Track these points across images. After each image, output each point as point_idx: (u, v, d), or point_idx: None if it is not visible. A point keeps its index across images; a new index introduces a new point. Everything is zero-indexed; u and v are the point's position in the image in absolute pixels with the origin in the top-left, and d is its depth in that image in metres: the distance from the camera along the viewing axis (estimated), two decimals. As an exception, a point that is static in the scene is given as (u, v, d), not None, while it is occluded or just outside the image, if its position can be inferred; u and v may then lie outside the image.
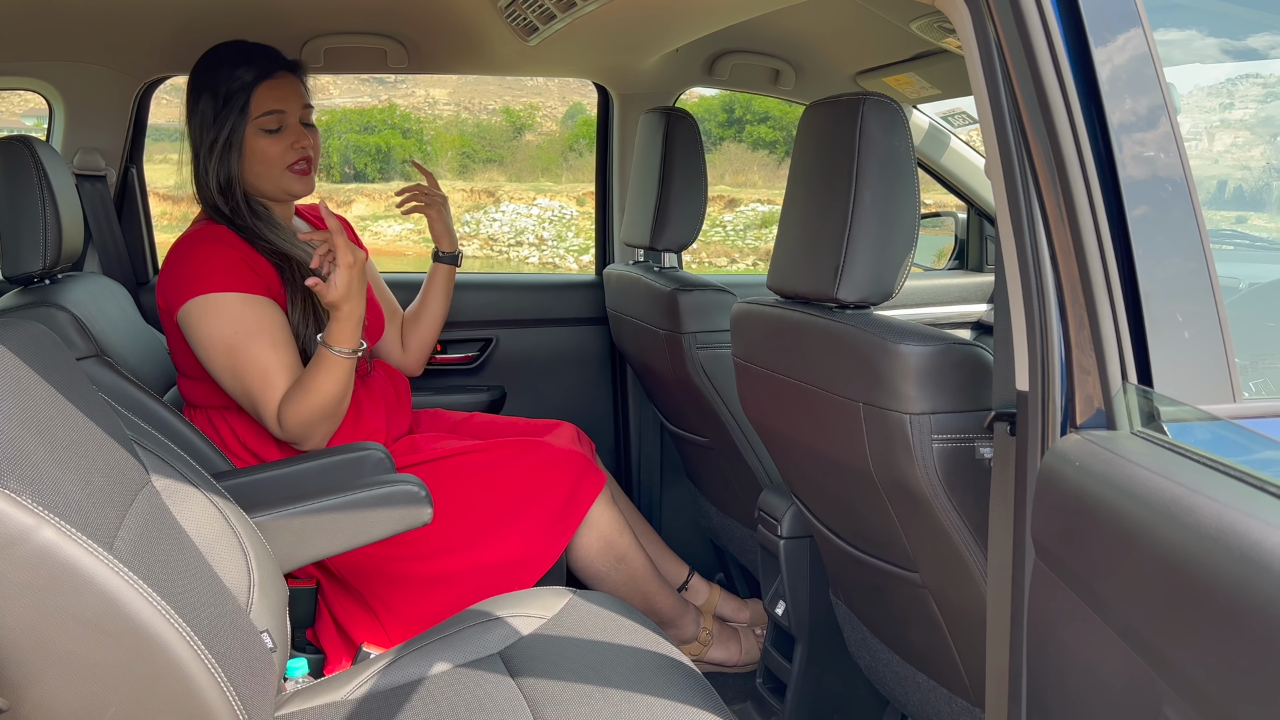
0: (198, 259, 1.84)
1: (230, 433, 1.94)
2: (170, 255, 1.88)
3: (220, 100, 1.90)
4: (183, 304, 1.82)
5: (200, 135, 1.92)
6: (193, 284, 1.81)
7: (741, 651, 2.25)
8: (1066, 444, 0.96)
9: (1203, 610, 0.70)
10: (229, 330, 1.79)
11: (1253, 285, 1.98)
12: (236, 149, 1.91)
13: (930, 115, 2.84)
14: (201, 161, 1.92)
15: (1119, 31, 1.05)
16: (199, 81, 1.93)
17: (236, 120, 1.90)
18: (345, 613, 1.93)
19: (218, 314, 1.80)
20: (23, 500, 0.94)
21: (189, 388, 1.96)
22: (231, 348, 1.80)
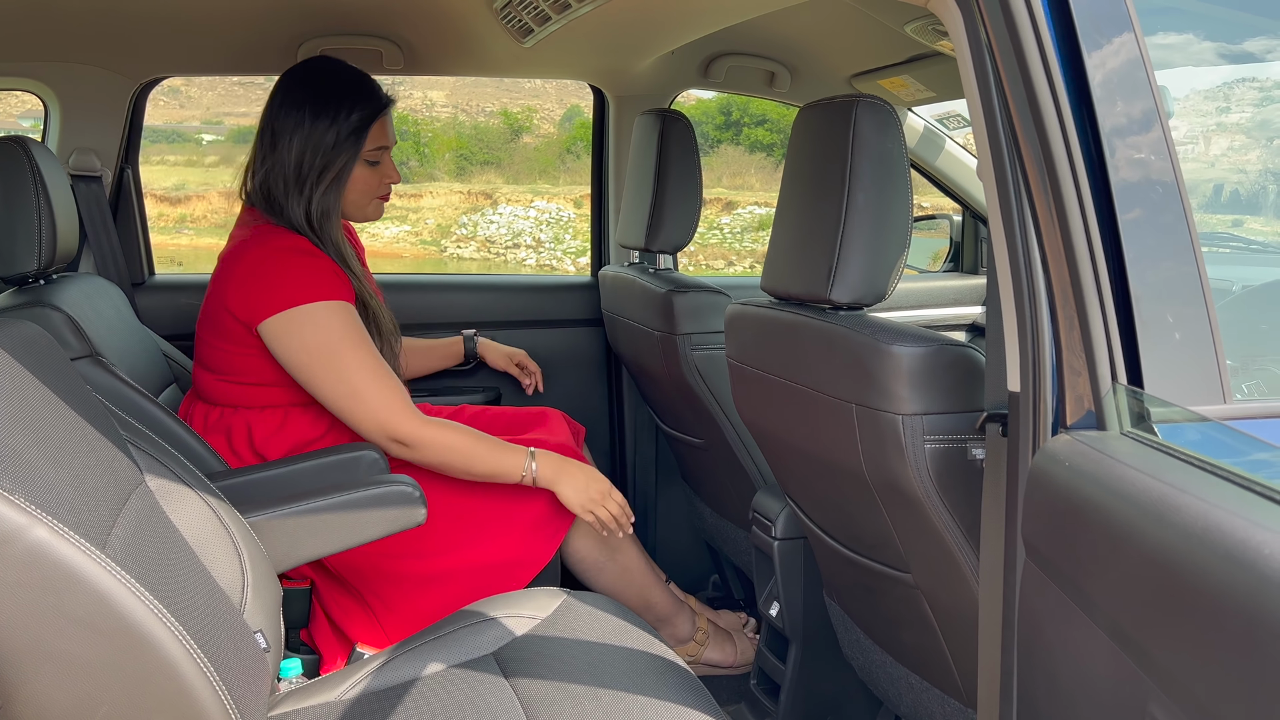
0: (296, 268, 1.84)
1: (245, 433, 1.94)
2: (253, 265, 1.86)
3: (340, 131, 1.92)
4: (277, 313, 1.81)
5: (307, 159, 1.92)
6: (297, 291, 1.81)
7: (737, 653, 2.25)
8: (1057, 444, 0.97)
9: (1188, 609, 0.70)
10: (336, 335, 1.81)
11: (1246, 287, 1.99)
12: (345, 179, 1.95)
13: (925, 118, 2.85)
14: (306, 184, 1.92)
15: (1110, 35, 1.05)
16: (317, 105, 1.92)
17: (351, 153, 1.94)
18: (341, 612, 1.93)
19: (323, 321, 1.81)
20: (15, 499, 0.94)
21: (218, 387, 1.95)
22: (336, 352, 1.81)
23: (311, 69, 1.99)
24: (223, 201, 21.19)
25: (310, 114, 1.92)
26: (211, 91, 24.80)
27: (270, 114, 1.95)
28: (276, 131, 1.93)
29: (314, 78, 1.96)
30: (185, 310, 2.52)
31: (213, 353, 1.93)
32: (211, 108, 25.72)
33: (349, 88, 1.95)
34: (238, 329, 1.88)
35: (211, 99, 25.51)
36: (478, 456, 1.85)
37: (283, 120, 1.93)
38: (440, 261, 18.66)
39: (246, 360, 1.90)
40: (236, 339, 1.89)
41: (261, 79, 3.18)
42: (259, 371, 1.91)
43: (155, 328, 2.37)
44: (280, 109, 1.94)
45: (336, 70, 1.99)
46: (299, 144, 1.91)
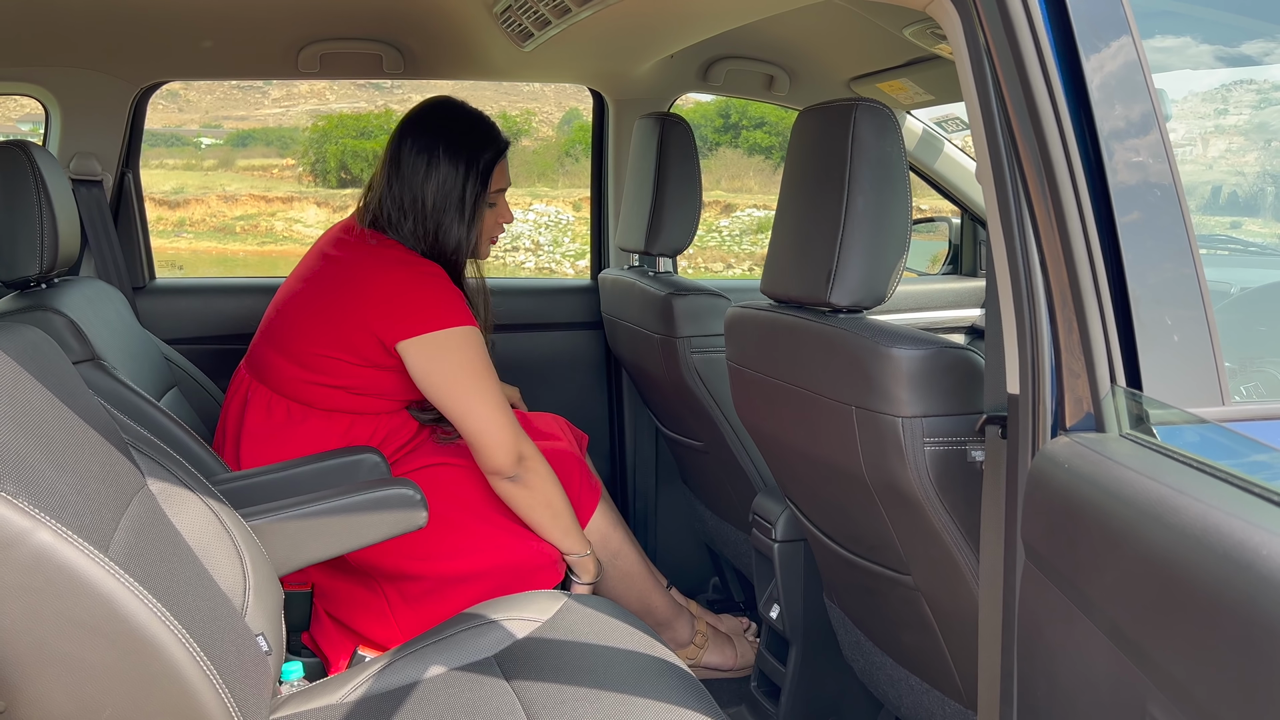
0: (442, 292, 1.93)
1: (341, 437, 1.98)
2: (398, 286, 1.91)
3: (477, 171, 2.01)
4: (424, 333, 1.89)
5: (444, 195, 1.99)
6: (445, 315, 1.90)
7: (736, 656, 2.25)
8: (1056, 446, 0.97)
9: (1186, 609, 0.71)
10: (479, 360, 1.91)
11: (1244, 289, 2.00)
12: (477, 220, 2.03)
13: (924, 121, 2.85)
14: (447, 220, 2.00)
15: (1108, 38, 1.06)
16: (451, 142, 2.00)
17: (481, 193, 2.02)
18: (352, 612, 1.93)
19: (468, 345, 1.91)
20: (19, 503, 0.94)
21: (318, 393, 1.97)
22: (479, 375, 1.91)
23: (435, 111, 2.05)
24: (221, 205, 21.20)
25: (443, 150, 1.99)
26: (210, 95, 24.82)
27: (399, 155, 2.01)
28: (408, 173, 1.99)
29: (440, 119, 2.03)
30: (188, 315, 2.53)
31: (319, 356, 1.95)
32: (210, 111, 25.74)
33: (476, 128, 2.03)
34: (373, 345, 1.91)
35: (210, 103, 25.54)
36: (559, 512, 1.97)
37: (415, 162, 1.99)
38: (439, 265, 18.61)
39: (364, 373, 1.94)
40: (365, 354, 1.92)
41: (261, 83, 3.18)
42: (372, 385, 1.95)
43: (156, 331, 2.38)
44: (411, 151, 2.00)
45: (461, 112, 2.06)
46: (436, 183, 1.99)
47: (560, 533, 1.98)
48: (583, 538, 2.02)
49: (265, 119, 26.13)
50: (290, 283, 2.07)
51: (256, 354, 2.05)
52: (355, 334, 1.91)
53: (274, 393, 1.99)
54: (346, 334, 1.92)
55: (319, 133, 23.25)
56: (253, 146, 24.50)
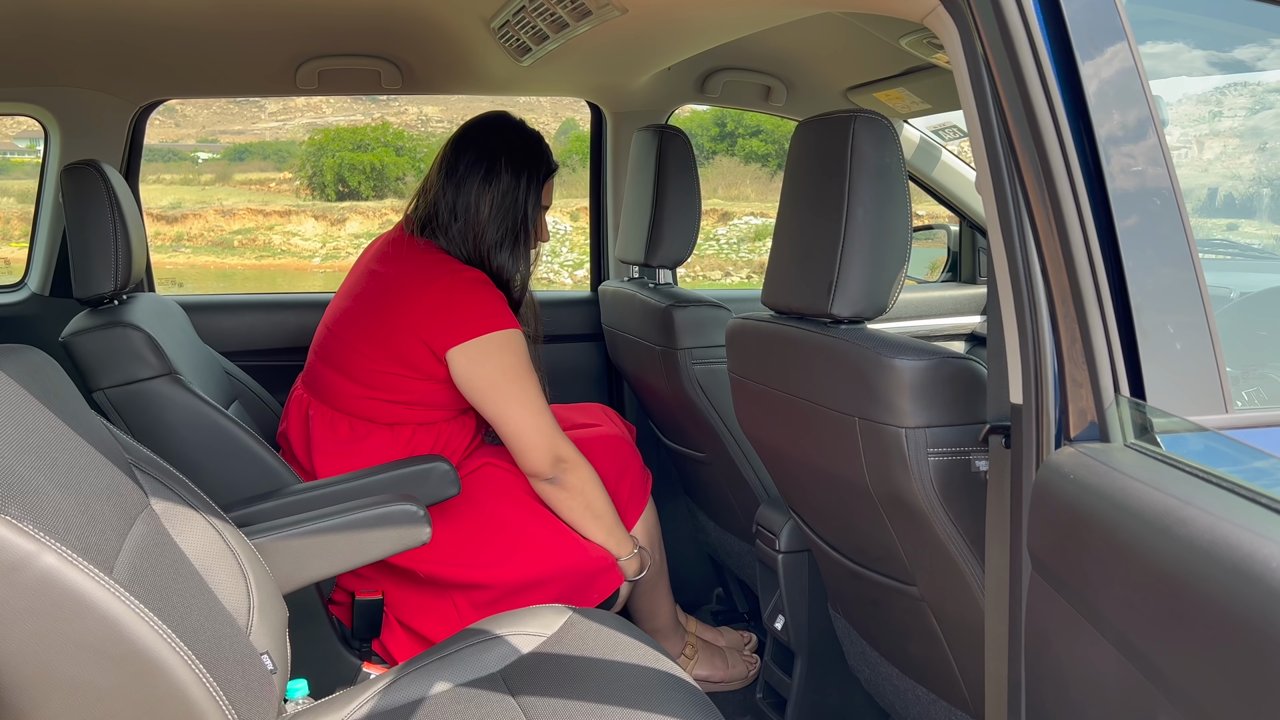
0: (486, 296, 1.96)
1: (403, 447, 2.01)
2: (444, 293, 1.94)
3: (535, 186, 2.06)
4: (472, 338, 1.91)
5: (500, 205, 2.02)
6: (486, 321, 1.93)
7: (727, 668, 2.25)
8: (1060, 457, 0.97)
9: (1196, 622, 0.70)
10: (522, 363, 1.95)
11: (1244, 294, 2.00)
12: (529, 234, 2.08)
13: (921, 129, 2.86)
14: (497, 230, 2.03)
15: (1105, 46, 1.06)
16: (512, 156, 2.03)
17: (534, 210, 2.07)
18: (423, 622, 1.94)
19: (512, 348, 1.94)
20: (24, 526, 0.94)
21: (375, 406, 2.00)
22: (521, 377, 1.94)
23: (496, 124, 2.09)
24: (219, 219, 21.21)
25: (504, 168, 2.02)
26: (207, 110, 24.85)
27: (455, 163, 2.04)
28: (463, 181, 2.02)
29: (501, 134, 2.07)
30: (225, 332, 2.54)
31: (373, 370, 1.97)
32: (207, 126, 25.78)
33: (533, 147, 2.07)
34: (423, 354, 1.93)
35: (206, 117, 25.57)
36: (605, 498, 2.02)
37: (471, 171, 2.02)
38: (438, 276, 18.62)
39: (418, 384, 1.96)
40: (416, 364, 1.94)
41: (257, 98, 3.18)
42: (427, 395, 1.97)
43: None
44: (468, 160, 2.03)
45: (521, 129, 2.10)
46: (490, 196, 2.02)
47: (603, 534, 2.01)
48: (627, 538, 2.05)
49: (262, 133, 26.18)
50: (339, 301, 2.10)
51: (314, 373, 2.07)
52: (407, 347, 1.94)
53: (335, 410, 2.01)
54: (399, 348, 1.95)
55: (316, 146, 23.29)
56: (250, 160, 24.54)
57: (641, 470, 2.22)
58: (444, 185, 2.04)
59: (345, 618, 1.93)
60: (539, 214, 2.10)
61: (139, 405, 1.86)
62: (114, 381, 1.85)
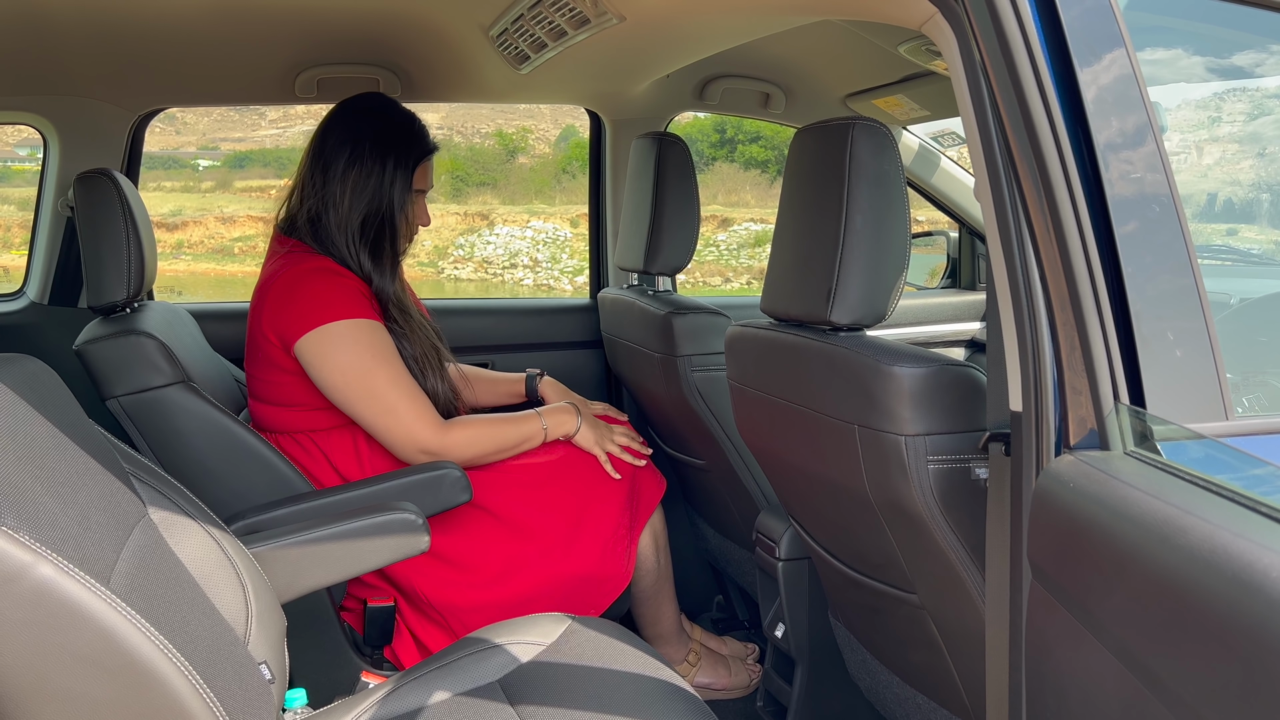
0: (324, 289, 1.87)
1: (322, 456, 1.97)
2: (286, 287, 1.89)
3: (394, 173, 1.96)
4: (310, 330, 1.84)
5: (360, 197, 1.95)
6: (323, 311, 1.85)
7: (730, 676, 2.25)
8: (1060, 465, 0.97)
9: (1196, 631, 0.70)
10: (367, 354, 1.86)
11: (1244, 300, 1.99)
12: (398, 219, 1.99)
13: (920, 136, 2.86)
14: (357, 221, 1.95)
15: (1103, 52, 1.06)
16: (373, 144, 1.96)
17: (403, 194, 1.98)
18: (429, 631, 1.94)
19: (355, 339, 1.85)
20: (20, 537, 0.94)
21: (281, 416, 1.97)
22: (369, 370, 1.85)
23: (363, 108, 2.02)
24: (219, 227, 21.23)
25: (368, 152, 1.95)
26: (207, 118, 24.89)
27: (322, 149, 1.97)
28: (329, 167, 1.95)
29: (367, 117, 1.99)
30: None
31: (262, 385, 1.96)
32: (207, 134, 25.82)
33: (403, 129, 2.00)
34: (277, 353, 1.90)
35: (207, 125, 25.61)
36: (499, 436, 1.95)
37: (335, 156, 1.95)
38: (438, 283, 18.71)
39: (293, 384, 1.92)
40: (278, 363, 1.91)
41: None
42: (308, 394, 1.93)
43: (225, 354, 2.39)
44: (333, 145, 1.96)
45: (389, 110, 2.02)
46: (353, 182, 1.94)
47: (513, 438, 1.96)
48: (526, 418, 1.99)
49: (262, 140, 26.21)
50: None
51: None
52: (266, 346, 1.91)
53: (275, 434, 2.00)
54: (264, 350, 1.92)
55: (316, 153, 23.31)
56: (250, 168, 24.57)
57: (652, 471, 2.19)
58: (311, 174, 1.97)
59: (357, 624, 1.93)
60: (413, 199, 2.02)
61: (153, 413, 1.86)
62: (128, 389, 1.85)
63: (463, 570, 1.93)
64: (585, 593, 1.97)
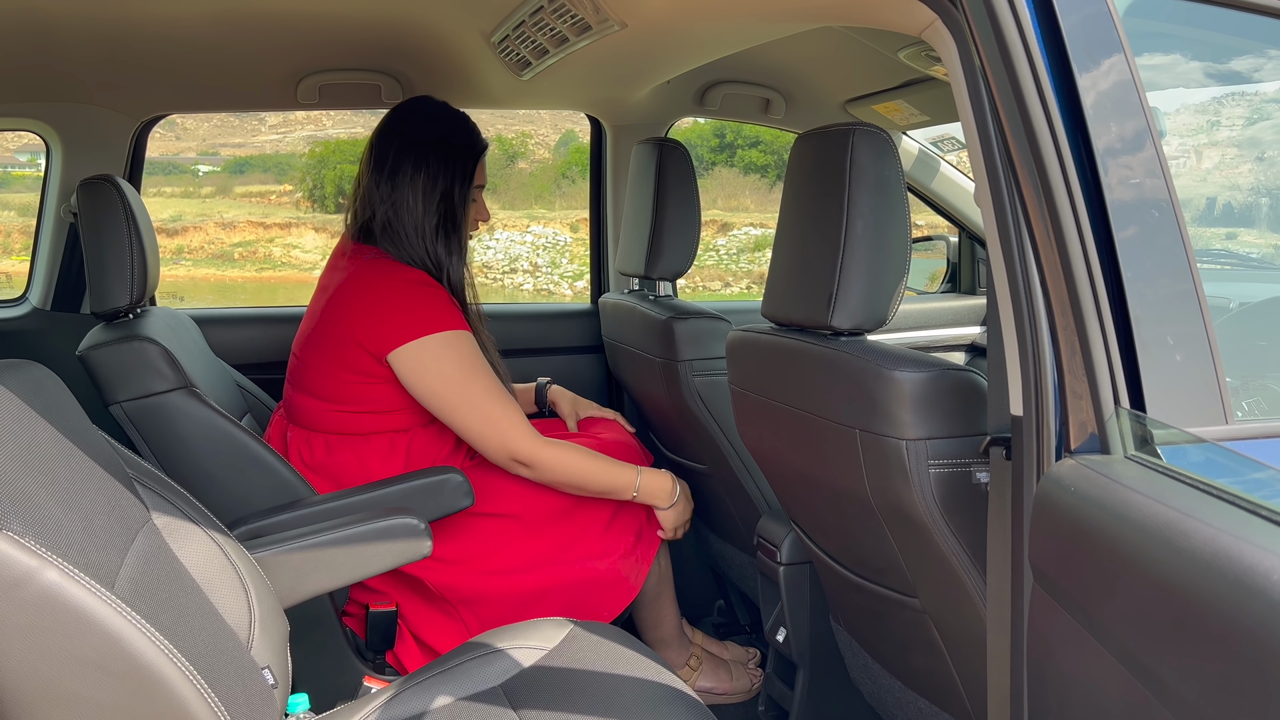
0: (421, 301, 1.92)
1: (357, 462, 1.99)
2: (379, 297, 1.91)
3: (457, 173, 2.01)
4: (410, 341, 1.88)
5: (429, 199, 1.99)
6: (423, 323, 1.89)
7: (731, 681, 2.25)
8: (1061, 469, 0.97)
9: (1197, 634, 0.70)
10: (466, 363, 1.90)
11: (1243, 304, 2.00)
12: (464, 218, 2.04)
13: (919, 141, 2.87)
14: (430, 223, 1.99)
15: (1101, 58, 1.07)
16: (442, 142, 2.00)
17: (466, 193, 2.03)
18: (430, 630, 1.93)
19: (455, 349, 1.90)
20: (26, 542, 0.94)
21: (332, 416, 1.98)
22: (468, 378, 1.90)
23: (420, 112, 2.06)
24: (219, 232, 21.25)
25: (432, 155, 1.98)
26: (207, 123, 24.92)
27: (384, 155, 2.00)
28: (396, 173, 1.98)
29: (426, 121, 2.03)
30: None
31: (330, 382, 1.96)
32: (207, 139, 25.86)
33: (461, 130, 2.04)
34: (364, 359, 1.91)
35: (207, 130, 25.65)
36: (592, 474, 1.96)
37: (400, 162, 1.99)
38: (438, 288, 18.67)
39: (370, 389, 1.94)
40: (362, 369, 1.92)
41: (260, 113, 3.18)
42: (383, 399, 1.95)
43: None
44: (397, 151, 1.99)
45: (445, 112, 2.06)
46: (423, 185, 1.98)
47: (602, 486, 1.98)
48: (625, 472, 2.00)
49: (262, 146, 26.24)
50: (302, 325, 2.10)
51: (287, 398, 2.08)
52: (350, 353, 1.92)
53: (309, 430, 2.01)
54: (344, 355, 1.93)
55: (316, 158, 23.35)
56: (250, 173, 24.60)
57: None
58: (375, 181, 2.00)
59: (359, 629, 1.93)
60: (476, 194, 2.07)
61: (155, 418, 1.87)
62: (131, 395, 1.86)
63: (468, 560, 1.93)
64: (589, 595, 1.97)
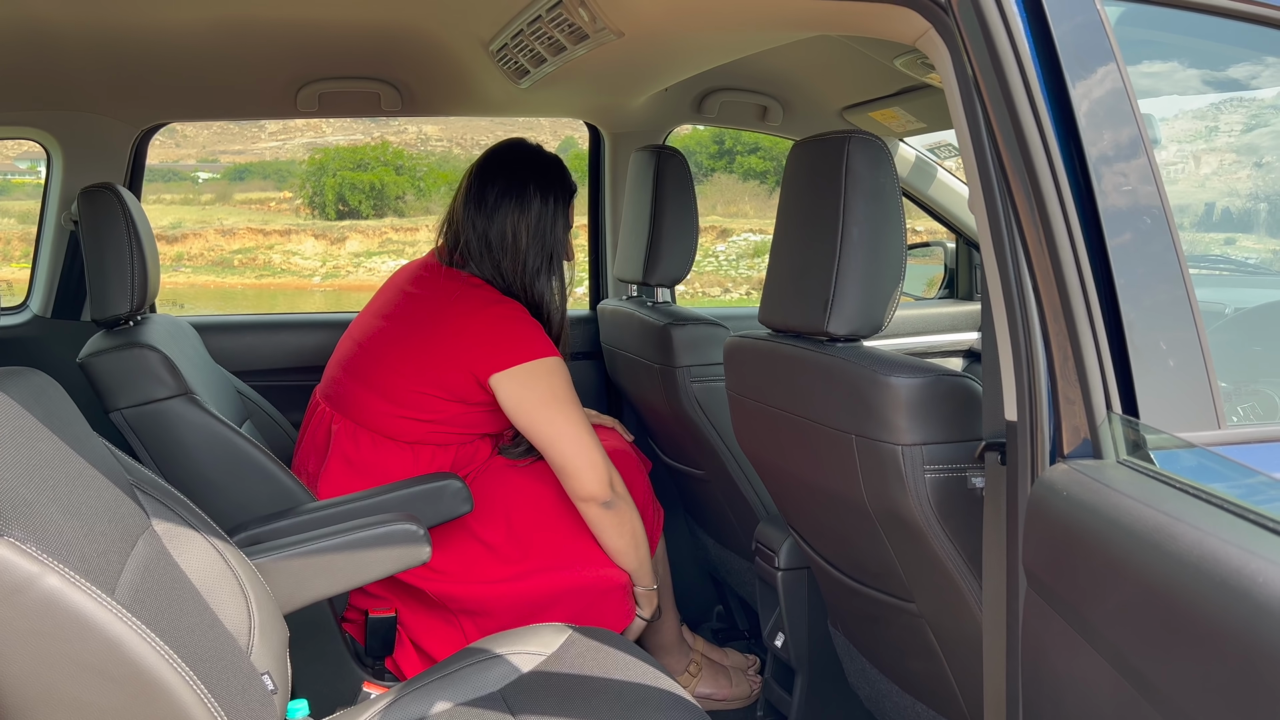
0: (528, 326, 1.99)
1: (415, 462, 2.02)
2: (485, 324, 1.96)
3: (557, 214, 2.09)
4: (521, 363, 1.94)
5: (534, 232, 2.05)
6: (532, 347, 1.96)
7: (731, 687, 2.25)
8: (1054, 474, 0.98)
9: (1185, 636, 0.71)
10: (567, 390, 1.97)
11: (1238, 310, 2.01)
12: (561, 257, 2.12)
13: (916, 148, 2.88)
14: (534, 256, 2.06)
15: (1094, 66, 1.08)
16: (541, 183, 2.07)
17: (565, 233, 2.12)
18: (432, 643, 1.94)
19: (560, 375, 1.97)
20: (27, 548, 0.95)
21: (405, 426, 2.01)
22: (565, 402, 1.95)
23: (519, 150, 2.13)
24: (219, 239, 21.27)
25: (532, 195, 2.05)
26: (206, 131, 24.97)
27: (483, 194, 2.05)
28: (495, 211, 2.04)
29: (524, 162, 2.09)
30: None
31: (410, 392, 1.98)
32: (207, 146, 25.92)
33: (556, 173, 2.11)
34: (466, 382, 1.95)
35: (207, 138, 25.71)
36: (643, 542, 2.03)
37: (501, 201, 2.04)
38: (437, 295, 18.67)
39: (451, 408, 1.98)
40: (456, 390, 1.96)
41: (260, 121, 3.19)
42: (457, 419, 2.00)
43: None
44: (499, 192, 2.05)
45: (541, 155, 2.13)
46: (527, 226, 2.05)
47: (638, 562, 2.02)
48: (653, 571, 2.06)
49: (262, 153, 26.31)
50: (369, 319, 2.11)
51: (338, 388, 2.08)
52: (450, 372, 1.96)
53: (358, 425, 2.02)
54: (441, 372, 1.96)
55: (316, 165, 23.39)
56: (250, 180, 24.65)
57: (653, 501, 2.22)
58: (473, 215, 2.05)
59: (359, 635, 1.94)
60: (567, 236, 2.13)
61: (156, 425, 1.87)
62: (131, 402, 1.87)
63: (467, 567, 1.94)
64: (589, 605, 1.97)
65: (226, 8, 1.88)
